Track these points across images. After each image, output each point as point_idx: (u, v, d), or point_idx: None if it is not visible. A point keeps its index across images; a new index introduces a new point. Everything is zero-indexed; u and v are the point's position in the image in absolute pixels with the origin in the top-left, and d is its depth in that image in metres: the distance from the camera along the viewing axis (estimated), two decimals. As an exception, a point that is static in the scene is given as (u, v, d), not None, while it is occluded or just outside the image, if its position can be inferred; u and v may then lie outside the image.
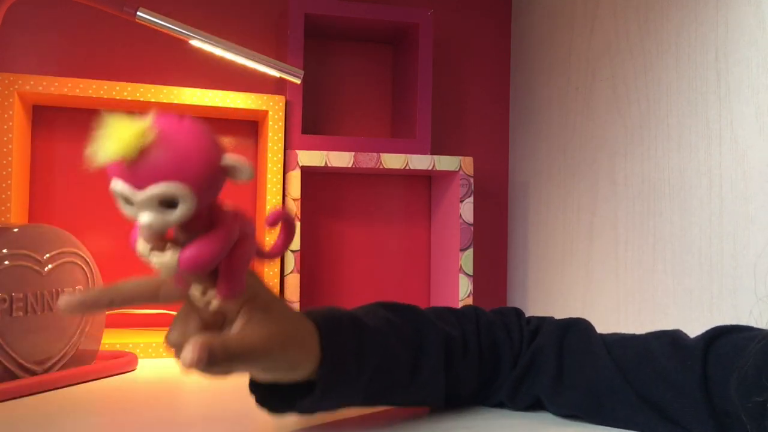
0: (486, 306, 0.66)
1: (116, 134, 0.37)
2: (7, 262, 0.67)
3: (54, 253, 0.71)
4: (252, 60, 0.89)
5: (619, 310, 0.93)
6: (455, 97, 1.22)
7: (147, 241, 0.41)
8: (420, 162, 1.05)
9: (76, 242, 0.75)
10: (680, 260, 0.82)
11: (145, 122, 0.37)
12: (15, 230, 0.70)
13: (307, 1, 1.03)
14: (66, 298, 0.44)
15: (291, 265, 0.99)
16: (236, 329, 0.46)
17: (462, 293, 1.05)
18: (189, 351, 0.40)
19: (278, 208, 0.50)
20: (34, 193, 1.01)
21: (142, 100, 0.95)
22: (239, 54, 0.88)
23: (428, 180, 1.19)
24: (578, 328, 0.60)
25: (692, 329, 0.56)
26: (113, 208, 0.37)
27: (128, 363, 0.79)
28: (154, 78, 1.05)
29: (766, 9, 0.71)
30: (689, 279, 0.80)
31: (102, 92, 0.93)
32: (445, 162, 1.06)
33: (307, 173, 1.10)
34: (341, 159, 1.02)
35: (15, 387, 0.65)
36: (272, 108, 1.01)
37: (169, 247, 0.40)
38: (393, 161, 1.04)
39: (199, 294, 0.44)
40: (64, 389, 0.69)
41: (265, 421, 0.55)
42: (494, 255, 1.24)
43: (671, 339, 0.55)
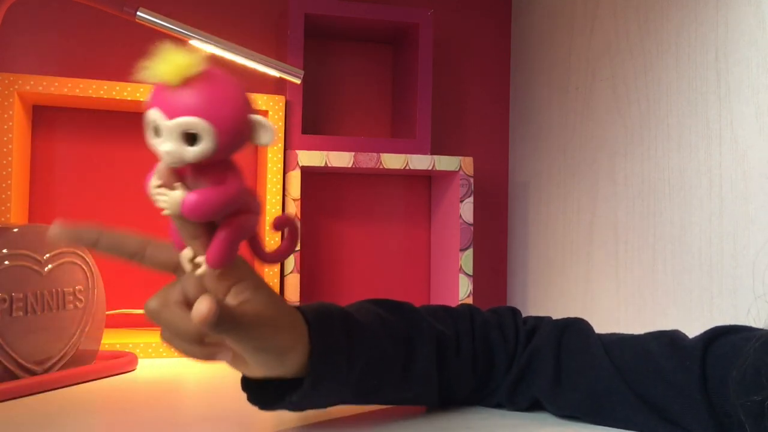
0: (486, 306, 0.66)
1: (169, 59, 0.39)
2: (7, 262, 0.67)
3: (54, 253, 0.72)
4: (252, 60, 0.89)
5: (619, 310, 0.93)
6: (455, 97, 1.22)
7: (161, 176, 0.42)
8: (420, 162, 1.05)
9: (76, 242, 0.75)
10: (680, 260, 0.82)
11: (197, 58, 0.40)
12: (15, 230, 0.70)
13: (307, 1, 1.03)
14: (57, 225, 0.45)
15: (291, 265, 0.99)
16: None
17: (462, 293, 1.05)
18: (203, 302, 0.41)
19: (286, 215, 0.51)
20: (34, 193, 1.01)
21: (142, 100, 0.95)
22: (239, 54, 0.88)
23: (428, 180, 1.19)
24: (576, 329, 0.60)
25: (692, 329, 0.56)
26: (113, 208, 0.38)
27: (128, 363, 0.79)
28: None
29: (766, 9, 0.71)
30: (689, 279, 0.80)
31: (102, 92, 0.94)
32: (445, 162, 1.06)
33: (307, 173, 1.10)
34: (341, 159, 1.02)
35: (15, 387, 0.65)
36: (272, 108, 1.01)
37: (178, 188, 0.42)
38: (393, 161, 1.04)
39: (189, 256, 0.44)
40: (64, 389, 0.69)
41: (265, 421, 0.55)
42: (494, 255, 1.24)
43: (670, 339, 0.55)
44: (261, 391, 0.52)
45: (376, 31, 1.12)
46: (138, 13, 0.80)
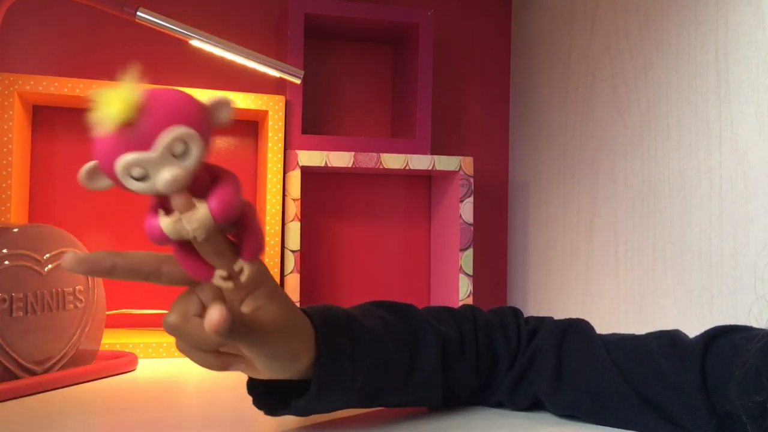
0: (486, 306, 0.66)
1: (113, 101, 0.37)
2: (7, 262, 0.67)
3: (54, 253, 0.72)
4: (252, 60, 0.89)
5: (619, 310, 0.93)
6: (455, 97, 1.22)
7: (179, 205, 0.40)
8: (420, 162, 1.05)
9: (76, 242, 0.75)
10: (680, 260, 0.82)
11: (129, 86, 0.38)
12: (15, 230, 0.70)
13: (307, 1, 1.03)
14: (71, 255, 0.43)
15: (291, 265, 0.99)
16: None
17: (462, 293, 1.05)
18: (215, 311, 0.40)
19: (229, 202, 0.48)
20: (34, 193, 1.01)
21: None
22: (239, 54, 0.88)
23: (428, 180, 1.19)
24: (577, 329, 0.60)
25: (692, 329, 0.56)
26: (113, 208, 0.37)
27: (128, 363, 0.79)
28: (154, 78, 1.05)
29: (766, 9, 0.71)
30: (689, 279, 0.80)
31: (102, 92, 0.93)
32: (445, 162, 1.06)
33: (307, 173, 1.10)
34: (341, 159, 1.02)
35: (15, 387, 0.65)
36: (272, 108, 1.01)
37: (198, 204, 0.40)
38: (393, 161, 1.04)
39: (224, 275, 0.43)
40: (64, 389, 0.69)
41: (265, 421, 0.55)
42: (494, 255, 1.24)
43: (670, 339, 0.55)
44: (266, 397, 0.52)
45: (376, 31, 1.12)
46: (138, 13, 0.80)
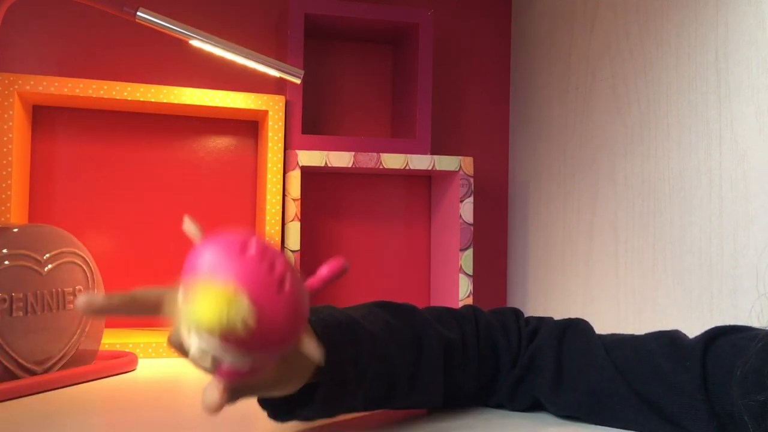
0: (486, 306, 0.66)
1: (216, 310, 0.36)
2: (7, 262, 0.67)
3: (54, 253, 0.71)
4: (252, 60, 0.89)
5: (619, 310, 0.93)
6: (455, 97, 1.22)
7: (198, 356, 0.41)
8: (420, 162, 1.05)
9: (76, 242, 0.75)
10: (680, 260, 0.82)
11: (243, 302, 0.37)
12: (15, 230, 0.70)
13: (307, 1, 1.03)
14: (86, 299, 0.42)
15: (291, 265, 0.99)
16: None
17: (462, 293, 1.05)
18: (211, 395, 0.41)
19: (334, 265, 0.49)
20: (34, 193, 1.01)
21: (142, 100, 0.95)
22: (239, 54, 0.88)
23: (428, 180, 1.19)
24: (577, 329, 0.60)
25: (692, 329, 0.56)
26: (113, 208, 0.37)
27: (128, 363, 0.79)
28: (155, 78, 1.05)
29: (766, 9, 0.71)
30: (689, 279, 0.80)
31: (102, 92, 0.94)
32: (445, 162, 1.06)
33: (307, 173, 1.10)
34: (341, 159, 1.02)
35: (15, 387, 0.65)
36: (272, 108, 1.01)
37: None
38: (393, 161, 1.04)
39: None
40: (64, 389, 0.69)
41: (265, 421, 0.55)
42: (494, 255, 1.24)
43: (670, 339, 0.55)
44: (273, 404, 0.52)
45: (376, 31, 1.12)
46: (138, 13, 0.80)
